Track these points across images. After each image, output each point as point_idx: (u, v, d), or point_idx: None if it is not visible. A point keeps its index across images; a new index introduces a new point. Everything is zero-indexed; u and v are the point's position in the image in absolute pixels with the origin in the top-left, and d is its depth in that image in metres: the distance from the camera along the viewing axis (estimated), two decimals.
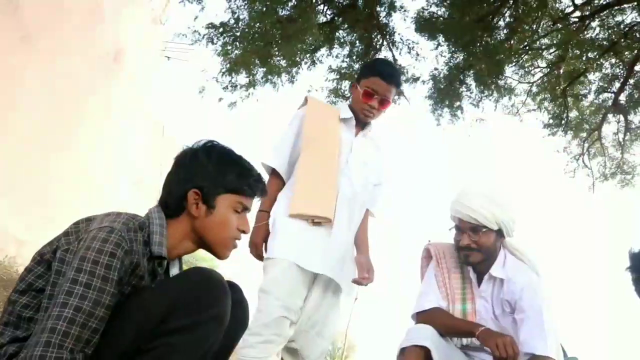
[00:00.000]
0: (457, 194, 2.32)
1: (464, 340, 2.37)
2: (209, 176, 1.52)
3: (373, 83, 2.59)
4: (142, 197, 10.34)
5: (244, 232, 1.59)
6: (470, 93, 7.84)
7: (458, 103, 7.86)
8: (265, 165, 2.59)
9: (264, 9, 6.41)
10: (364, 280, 2.45)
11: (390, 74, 2.64)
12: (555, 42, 7.42)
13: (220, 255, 1.57)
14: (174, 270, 1.60)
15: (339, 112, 2.71)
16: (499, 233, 2.28)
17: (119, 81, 9.30)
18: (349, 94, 8.01)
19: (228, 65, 6.80)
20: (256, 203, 1.68)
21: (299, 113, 2.70)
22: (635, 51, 6.81)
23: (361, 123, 2.71)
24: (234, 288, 1.52)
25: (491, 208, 2.21)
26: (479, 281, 2.37)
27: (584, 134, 8.43)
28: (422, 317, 2.35)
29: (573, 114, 8.21)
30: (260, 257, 2.51)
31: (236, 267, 7.78)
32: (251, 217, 1.85)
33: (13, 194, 7.00)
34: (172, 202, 1.52)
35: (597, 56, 7.12)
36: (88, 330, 1.24)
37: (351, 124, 2.68)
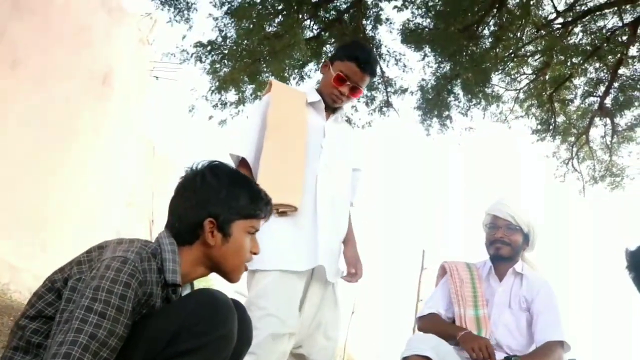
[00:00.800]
0: (498, 199, 2.66)
1: None
2: (222, 203, 1.49)
3: (347, 68, 2.40)
4: (135, 218, 10.31)
5: (255, 253, 1.58)
6: (459, 102, 7.92)
7: (447, 113, 7.93)
8: (233, 155, 2.38)
9: (251, 26, 6.45)
10: (352, 277, 2.37)
11: (367, 61, 2.44)
12: (539, 48, 7.53)
13: (233, 280, 1.56)
14: (185, 293, 1.58)
15: (305, 95, 2.52)
16: (525, 238, 2.60)
17: (108, 103, 9.32)
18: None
19: (217, 83, 6.84)
20: None
21: (264, 99, 2.52)
22: (618, 55, 6.92)
23: (330, 107, 2.53)
24: (237, 306, 1.50)
25: (526, 214, 2.57)
26: (500, 278, 2.59)
27: (572, 138, 8.51)
28: (421, 321, 2.63)
29: (560, 118, 8.30)
30: None
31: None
32: None
33: (4, 220, 6.97)
34: (184, 230, 1.48)
35: (581, 61, 7.22)
36: (100, 359, 1.24)
37: (320, 108, 2.50)
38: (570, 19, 7.08)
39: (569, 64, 7.38)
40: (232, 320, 1.39)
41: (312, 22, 7.41)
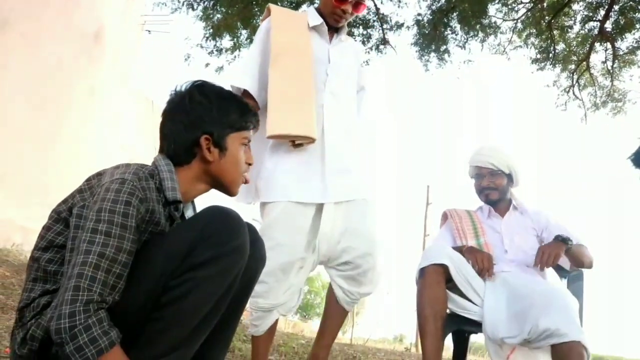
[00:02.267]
0: (476, 149, 2.89)
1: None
2: (215, 119, 1.52)
3: None
4: None
5: (249, 164, 1.62)
6: (456, 35, 7.81)
7: (444, 47, 7.83)
8: (235, 87, 2.29)
9: None
10: None
11: None
12: None
13: (234, 192, 1.61)
14: (189, 213, 1.62)
15: (307, 18, 2.40)
16: (509, 178, 2.84)
17: (101, 61, 9.21)
18: None
19: (211, 30, 6.75)
20: None
21: (263, 26, 2.41)
22: None
23: (333, 28, 2.43)
24: (249, 228, 1.54)
25: (503, 157, 2.80)
26: (502, 215, 2.83)
27: (573, 66, 8.41)
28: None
29: (560, 46, 8.19)
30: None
31: None
32: None
33: (10, 185, 7.02)
34: (180, 151, 1.52)
35: None
36: (113, 275, 1.27)
37: (323, 31, 2.40)
38: None
39: None
40: (244, 233, 1.42)
41: None
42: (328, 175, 2.24)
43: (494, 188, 2.80)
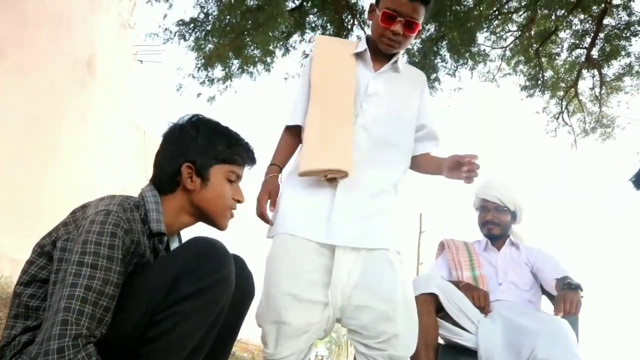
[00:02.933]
0: (485, 182, 2.92)
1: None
2: (199, 149, 1.53)
3: (394, 2, 1.99)
4: None
5: (238, 201, 1.61)
6: (446, 63, 7.89)
7: (435, 75, 7.91)
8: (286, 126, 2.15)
9: (232, 0, 6.40)
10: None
11: None
12: (523, 3, 7.49)
13: (220, 226, 1.60)
14: (174, 245, 1.62)
15: (353, 46, 2.17)
16: (513, 215, 2.88)
17: (93, 90, 9.24)
18: None
19: (203, 60, 6.80)
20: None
21: (308, 58, 2.24)
22: (603, 4, 6.89)
23: (385, 56, 2.14)
24: (236, 260, 1.53)
25: (511, 193, 2.84)
26: (498, 249, 2.86)
27: (561, 93, 8.51)
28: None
29: (548, 73, 8.29)
30: (263, 217, 2.02)
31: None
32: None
33: (1, 213, 6.96)
34: (165, 179, 1.53)
35: (566, 13, 7.20)
36: (100, 308, 1.25)
37: (366, 58, 2.13)
38: None
39: (553, 17, 7.37)
40: (229, 264, 1.41)
41: None
42: (344, 215, 1.95)
43: (497, 224, 2.85)
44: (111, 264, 1.30)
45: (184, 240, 1.64)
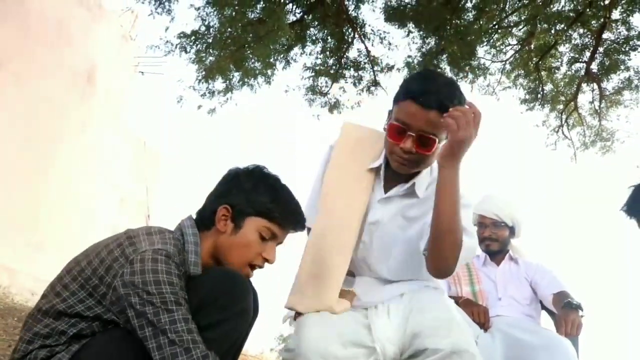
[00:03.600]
0: (483, 197, 2.87)
1: None
2: (242, 194, 1.51)
3: (404, 110, 1.61)
4: (131, 215, 10.29)
5: (267, 261, 1.55)
6: None
7: None
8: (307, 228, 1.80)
9: (233, 13, 6.43)
10: None
11: (426, 91, 1.58)
12: (523, 18, 7.54)
13: None
14: None
15: (377, 153, 1.82)
16: (511, 230, 2.85)
17: (93, 101, 9.27)
18: (325, 91, 8.13)
19: (204, 73, 6.82)
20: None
21: (326, 153, 1.92)
22: (602, 19, 6.94)
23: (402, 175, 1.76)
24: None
25: (509, 209, 2.80)
26: (498, 264, 2.84)
27: (561, 106, 8.53)
28: None
29: (548, 87, 8.32)
30: None
31: None
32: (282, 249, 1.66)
33: None
34: (205, 215, 1.54)
35: (565, 28, 7.24)
36: (189, 334, 1.29)
37: (379, 176, 1.80)
38: None
39: (553, 31, 7.41)
40: (249, 295, 1.44)
41: (294, 6, 7.38)
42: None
43: (495, 239, 2.82)
44: (179, 305, 1.31)
45: None
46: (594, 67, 7.66)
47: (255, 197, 1.51)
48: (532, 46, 7.77)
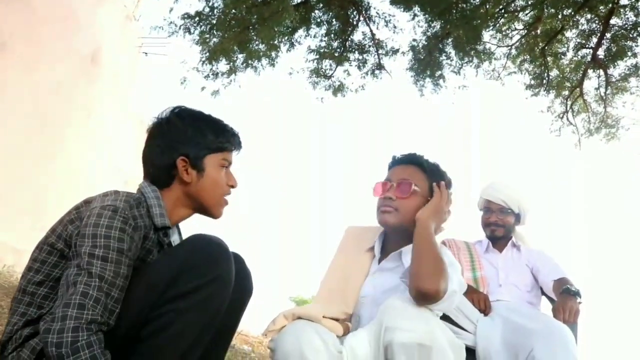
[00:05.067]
0: (491, 183, 2.90)
1: None
2: (190, 141, 1.53)
3: (389, 172, 2.00)
4: None
5: (232, 186, 1.61)
6: (451, 61, 7.88)
7: (439, 72, 7.90)
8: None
9: None
10: None
11: (407, 155, 2.00)
12: (530, 2, 7.46)
13: (216, 214, 1.60)
14: (174, 238, 1.63)
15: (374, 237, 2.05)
16: (517, 217, 2.87)
17: (99, 83, 9.24)
18: (330, 74, 8.10)
19: (207, 54, 6.80)
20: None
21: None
22: (610, 4, 6.86)
23: (401, 243, 1.95)
24: (236, 258, 1.53)
25: (516, 196, 2.82)
26: (500, 251, 2.86)
27: (566, 92, 8.48)
28: None
29: (554, 72, 8.26)
30: None
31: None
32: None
33: (2, 206, 6.99)
34: (160, 174, 1.54)
35: (573, 13, 7.17)
36: (111, 299, 1.28)
37: (377, 253, 2.02)
38: None
39: (560, 16, 7.34)
40: (227, 263, 1.42)
41: None
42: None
43: (501, 225, 2.83)
44: (120, 256, 1.32)
45: (182, 232, 1.65)
46: (601, 53, 7.59)
47: (202, 139, 1.54)
48: (539, 31, 7.71)
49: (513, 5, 7.53)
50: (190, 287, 1.34)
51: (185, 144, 1.53)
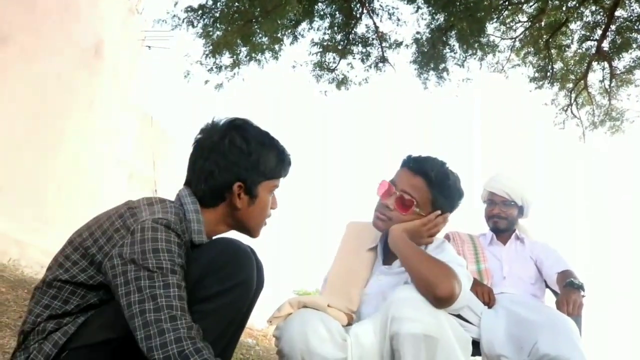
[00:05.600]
0: (494, 175, 2.88)
1: None
2: (251, 167, 1.49)
3: (396, 173, 1.96)
4: (138, 190, 10.35)
5: (274, 209, 1.62)
6: (454, 54, 7.86)
7: (443, 65, 7.87)
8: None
9: None
10: None
11: (417, 160, 1.93)
12: None
13: (256, 235, 1.60)
14: None
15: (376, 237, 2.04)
16: (520, 210, 2.85)
17: (101, 76, 9.24)
18: (333, 67, 8.08)
19: (211, 47, 6.78)
20: None
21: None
22: None
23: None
24: (252, 251, 1.53)
25: (520, 188, 2.80)
26: (504, 243, 2.85)
27: (571, 85, 8.44)
28: None
29: (558, 65, 8.23)
30: None
31: None
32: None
33: (6, 199, 7.01)
34: (210, 193, 1.49)
35: (577, 4, 7.14)
36: (180, 300, 1.26)
37: (378, 253, 2.03)
38: None
39: (564, 8, 7.31)
40: (251, 265, 1.43)
41: None
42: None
43: (504, 218, 2.83)
44: (180, 269, 1.31)
45: None
46: (606, 45, 7.55)
47: (263, 167, 1.51)
48: (543, 23, 7.67)
49: None
50: (215, 290, 1.35)
51: (246, 170, 1.48)
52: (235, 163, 1.47)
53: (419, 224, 1.86)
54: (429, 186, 1.88)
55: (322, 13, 7.61)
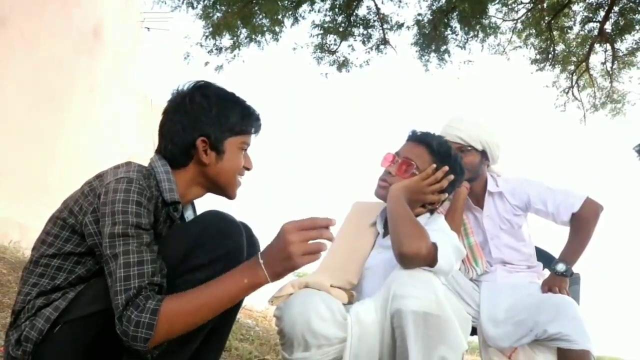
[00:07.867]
0: (447, 120, 2.54)
1: (470, 273, 2.52)
2: (214, 121, 1.50)
3: (401, 145, 2.05)
4: None
5: (247, 169, 1.61)
6: (456, 36, 7.82)
7: (444, 47, 7.84)
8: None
9: None
10: None
11: (421, 132, 2.04)
12: None
13: (231, 195, 1.60)
14: (189, 214, 1.63)
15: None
16: (484, 155, 2.51)
17: (101, 59, 9.19)
18: (334, 49, 8.04)
19: (211, 29, 6.75)
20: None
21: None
22: None
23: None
24: (245, 227, 1.55)
25: (477, 130, 2.47)
26: (481, 203, 2.56)
27: (572, 67, 8.41)
28: None
29: (559, 47, 8.19)
30: None
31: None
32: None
33: (8, 182, 7.02)
34: (178, 152, 1.50)
35: None
36: (147, 263, 1.29)
37: (380, 229, 2.06)
38: None
39: None
40: (240, 235, 1.43)
41: None
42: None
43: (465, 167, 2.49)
44: (140, 231, 1.32)
45: (197, 209, 1.65)
46: (608, 27, 7.50)
47: (226, 121, 1.52)
48: (545, 5, 7.61)
49: None
50: (204, 260, 1.35)
51: (208, 125, 1.49)
52: (197, 118, 1.49)
53: (417, 178, 1.89)
54: (431, 154, 1.95)
55: None
